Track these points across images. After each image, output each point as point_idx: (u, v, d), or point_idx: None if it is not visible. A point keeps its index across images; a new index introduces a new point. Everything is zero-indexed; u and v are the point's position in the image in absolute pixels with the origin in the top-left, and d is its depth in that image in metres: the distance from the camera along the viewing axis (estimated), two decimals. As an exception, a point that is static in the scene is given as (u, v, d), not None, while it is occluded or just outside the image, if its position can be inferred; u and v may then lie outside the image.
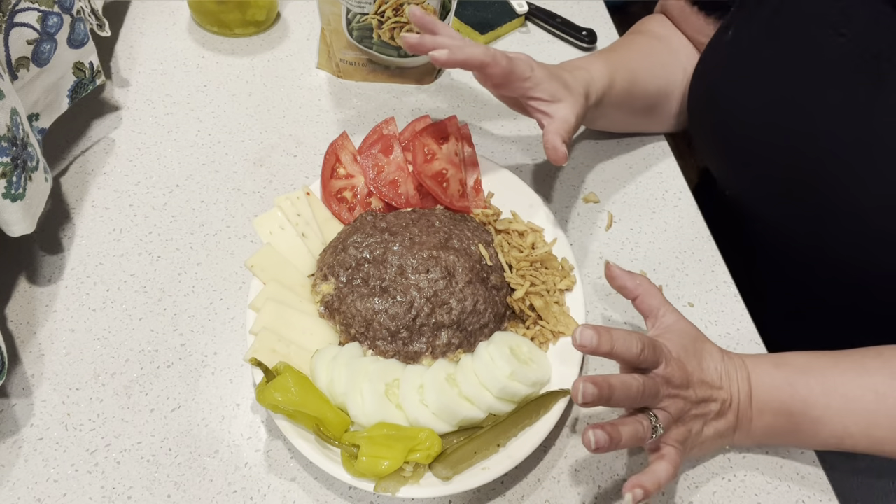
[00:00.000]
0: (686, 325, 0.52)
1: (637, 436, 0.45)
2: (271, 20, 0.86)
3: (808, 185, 0.57)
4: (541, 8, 0.92)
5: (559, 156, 0.57)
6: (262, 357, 0.51)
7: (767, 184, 0.62)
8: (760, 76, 0.60)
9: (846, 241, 0.56)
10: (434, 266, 0.56)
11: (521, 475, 0.53)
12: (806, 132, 0.57)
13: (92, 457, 0.51)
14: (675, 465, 0.47)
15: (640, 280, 0.54)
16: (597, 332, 0.45)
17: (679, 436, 0.48)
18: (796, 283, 0.65)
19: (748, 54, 0.62)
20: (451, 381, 0.51)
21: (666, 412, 0.47)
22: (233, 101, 0.78)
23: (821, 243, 0.59)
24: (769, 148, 0.60)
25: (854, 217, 0.55)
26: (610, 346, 0.45)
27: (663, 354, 0.47)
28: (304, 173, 0.71)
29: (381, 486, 0.47)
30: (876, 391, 0.49)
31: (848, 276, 0.58)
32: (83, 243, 0.63)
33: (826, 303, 0.63)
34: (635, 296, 0.53)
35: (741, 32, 0.63)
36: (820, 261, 0.60)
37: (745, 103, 0.61)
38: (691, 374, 0.48)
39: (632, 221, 0.71)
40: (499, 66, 0.56)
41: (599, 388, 0.44)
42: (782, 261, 0.65)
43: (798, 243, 0.61)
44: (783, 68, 0.58)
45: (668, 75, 0.72)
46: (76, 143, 0.71)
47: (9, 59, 0.57)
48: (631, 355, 0.46)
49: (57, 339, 0.57)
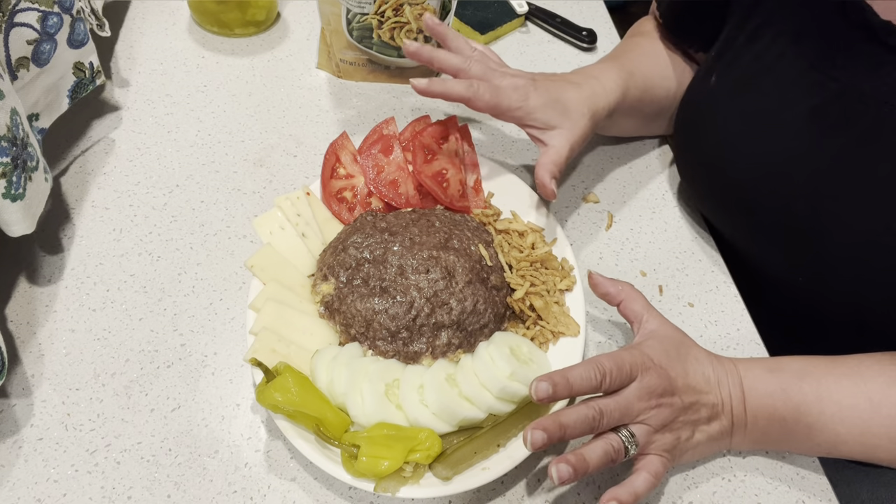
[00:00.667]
0: (670, 330, 0.51)
1: (608, 458, 0.45)
2: (271, 20, 0.86)
3: (795, 228, 0.57)
4: (541, 8, 0.92)
5: (547, 193, 0.58)
6: (262, 357, 0.51)
7: (753, 226, 0.61)
8: (744, 120, 0.59)
9: (836, 280, 0.56)
10: (434, 266, 0.56)
11: (521, 475, 0.53)
12: (795, 177, 0.56)
13: (92, 457, 0.51)
14: (657, 475, 0.47)
15: (622, 286, 0.53)
16: (551, 382, 0.44)
17: (666, 444, 0.48)
18: (792, 300, 0.65)
19: (733, 101, 0.60)
20: (451, 382, 0.51)
21: (645, 425, 0.47)
22: (233, 101, 0.78)
23: (810, 281, 0.58)
24: (756, 191, 0.59)
25: (840, 253, 0.54)
26: (567, 389, 0.44)
27: (639, 367, 0.47)
28: (304, 173, 0.71)
29: (381, 487, 0.47)
30: (871, 399, 0.49)
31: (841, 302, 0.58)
32: (83, 243, 0.63)
33: (821, 318, 0.63)
34: (618, 301, 0.53)
35: (725, 78, 0.62)
36: (812, 292, 0.59)
37: (732, 146, 0.60)
38: (675, 380, 0.48)
39: (632, 221, 0.71)
40: (481, 101, 0.58)
41: (549, 432, 0.43)
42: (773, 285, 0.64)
43: (790, 281, 0.61)
44: (770, 114, 0.57)
45: (677, 77, 0.72)
46: (76, 143, 0.71)
47: (9, 59, 0.57)
48: (592, 388, 0.45)
49: (57, 339, 0.57)
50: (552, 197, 0.58)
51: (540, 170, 0.58)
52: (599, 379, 0.45)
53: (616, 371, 0.46)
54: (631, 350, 0.48)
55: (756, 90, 0.59)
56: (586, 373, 0.45)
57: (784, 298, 0.63)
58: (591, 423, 0.45)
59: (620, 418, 0.46)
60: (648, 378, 0.47)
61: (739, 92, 0.60)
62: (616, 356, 0.47)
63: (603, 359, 0.46)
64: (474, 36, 0.88)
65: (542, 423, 0.44)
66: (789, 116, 0.56)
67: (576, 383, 0.45)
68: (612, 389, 0.46)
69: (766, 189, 0.58)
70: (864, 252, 0.53)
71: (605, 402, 0.46)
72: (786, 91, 0.56)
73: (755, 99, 0.58)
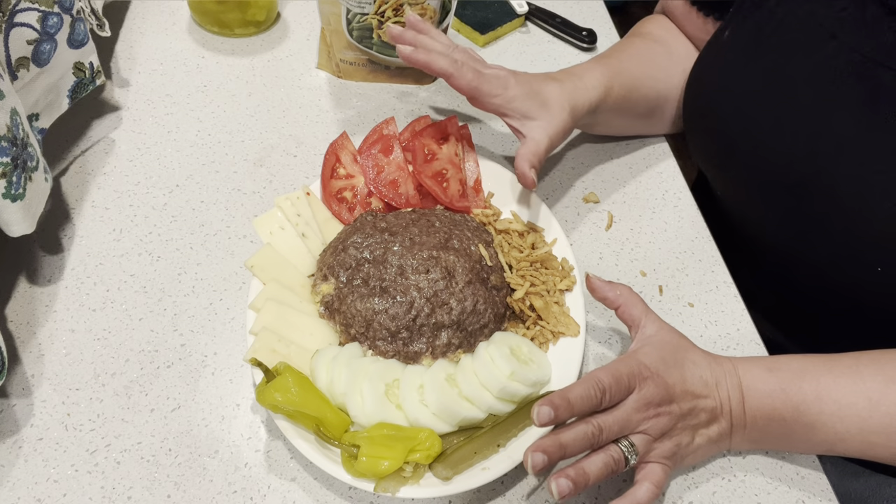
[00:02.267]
0: (668, 335, 0.51)
1: (608, 469, 0.45)
2: (271, 20, 0.86)
3: (801, 189, 0.57)
4: (541, 8, 0.92)
5: (527, 182, 0.59)
6: (262, 357, 0.51)
7: (760, 189, 0.61)
8: (755, 80, 0.60)
9: (842, 246, 0.56)
10: (434, 266, 0.56)
11: (521, 475, 0.53)
12: (800, 136, 0.56)
13: (92, 457, 0.51)
14: (659, 483, 0.46)
15: (620, 290, 0.53)
16: (552, 405, 0.43)
17: (666, 451, 0.48)
18: (793, 287, 0.65)
19: (743, 58, 0.61)
20: (451, 382, 0.51)
21: (645, 434, 0.47)
22: (233, 101, 0.78)
23: (815, 249, 0.58)
24: (763, 151, 0.59)
25: (850, 221, 0.54)
26: (569, 411, 0.44)
27: (637, 378, 0.47)
28: (304, 173, 0.71)
29: (381, 487, 0.47)
30: (869, 397, 0.49)
31: (843, 281, 0.58)
32: (83, 243, 0.63)
33: (822, 307, 0.63)
34: (617, 306, 0.53)
35: (736, 36, 0.63)
36: (814, 266, 0.59)
37: (740, 107, 0.61)
38: (673, 388, 0.48)
39: (632, 221, 0.71)
40: (463, 79, 0.58)
41: (549, 453, 0.43)
42: (781, 264, 0.65)
43: (793, 248, 0.61)
44: (777, 72, 0.58)
45: (667, 78, 0.72)
46: (76, 143, 0.71)
47: (9, 59, 0.57)
48: (593, 406, 0.45)
49: (57, 339, 0.57)
50: (532, 186, 0.59)
51: (519, 160, 0.59)
52: (600, 397, 0.45)
53: (615, 386, 0.46)
54: (627, 361, 0.48)
55: (766, 47, 0.59)
56: (586, 391, 0.45)
57: (779, 266, 0.63)
58: (591, 440, 0.45)
59: (620, 432, 0.46)
60: (646, 389, 0.47)
61: (750, 48, 0.61)
62: (613, 370, 0.47)
63: (601, 374, 0.46)
64: (474, 36, 0.88)
65: (542, 445, 0.43)
66: (792, 71, 0.56)
67: (576, 403, 0.44)
68: (612, 404, 0.46)
69: (767, 142, 0.58)
70: (862, 216, 0.53)
71: (604, 418, 0.46)
72: (792, 46, 0.57)
73: (765, 56, 0.59)
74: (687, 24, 0.73)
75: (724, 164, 0.65)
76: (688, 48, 0.73)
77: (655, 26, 0.76)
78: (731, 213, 0.68)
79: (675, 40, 0.74)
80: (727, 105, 0.62)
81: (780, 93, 0.58)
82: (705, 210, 0.73)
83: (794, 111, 0.57)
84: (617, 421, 0.46)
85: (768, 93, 0.59)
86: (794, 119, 0.57)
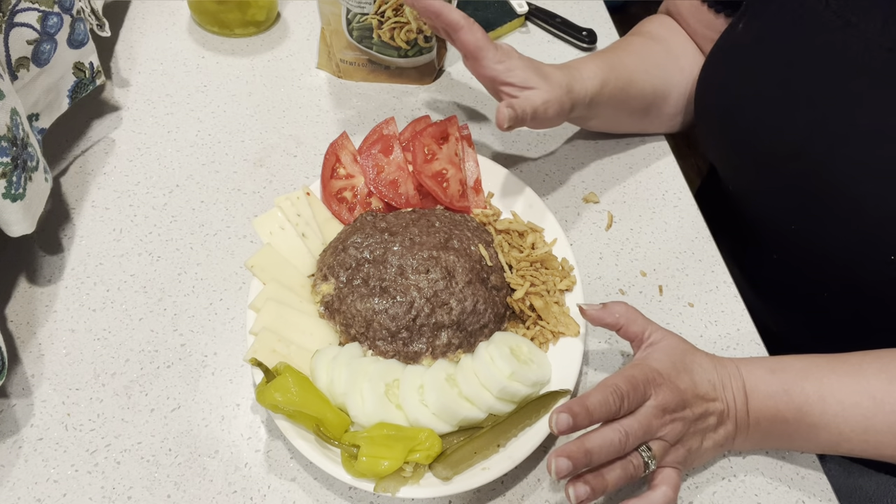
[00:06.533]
0: (673, 341, 0.51)
1: (627, 476, 0.45)
2: (271, 20, 0.86)
3: (817, 179, 0.56)
4: (541, 8, 0.92)
5: (500, 118, 0.57)
6: (262, 357, 0.51)
7: (775, 180, 0.61)
8: (770, 72, 0.60)
9: (851, 240, 0.55)
10: (434, 266, 0.56)
11: (521, 475, 0.53)
12: (814, 126, 0.56)
13: (92, 457, 0.51)
14: (675, 487, 0.46)
15: (617, 311, 0.52)
16: (570, 413, 0.43)
17: (679, 457, 0.48)
18: (797, 283, 0.65)
19: (758, 50, 0.61)
20: (451, 382, 0.51)
21: (663, 440, 0.47)
22: (233, 101, 0.78)
23: (825, 242, 0.58)
24: (777, 142, 0.59)
25: (868, 211, 0.54)
26: (588, 418, 0.44)
27: (652, 384, 0.47)
28: (304, 173, 0.71)
29: (381, 487, 0.47)
30: (873, 396, 0.49)
31: (850, 277, 0.58)
32: (83, 243, 0.63)
33: (827, 305, 0.63)
34: (619, 328, 0.53)
35: (751, 28, 0.63)
36: (823, 259, 0.59)
37: (754, 98, 0.61)
38: (685, 392, 0.48)
39: (632, 221, 0.71)
40: (473, 36, 0.57)
41: (574, 460, 0.42)
42: (785, 259, 0.65)
43: (801, 241, 0.60)
44: (792, 62, 0.58)
45: (664, 76, 0.72)
46: (76, 143, 0.71)
47: (9, 59, 0.57)
48: (611, 413, 0.45)
49: (57, 339, 0.57)
50: (502, 124, 0.57)
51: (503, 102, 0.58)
52: (619, 404, 0.45)
53: (633, 393, 0.45)
54: (640, 367, 0.48)
55: (779, 34, 0.59)
56: (604, 398, 0.44)
57: (797, 259, 0.63)
58: (619, 447, 0.44)
59: (642, 438, 0.46)
60: (662, 394, 0.47)
61: (763, 36, 0.61)
62: (629, 376, 0.46)
63: (618, 381, 0.46)
64: (474, 36, 0.88)
65: (567, 450, 0.42)
66: (807, 60, 0.56)
67: (595, 410, 0.44)
68: (629, 411, 0.46)
69: (786, 134, 0.58)
70: (880, 206, 0.52)
71: (629, 423, 0.45)
72: (806, 36, 0.57)
73: (779, 47, 0.59)
74: (695, 21, 0.73)
75: (738, 156, 0.65)
76: (688, 47, 0.73)
77: (656, 26, 0.76)
78: (745, 207, 0.68)
79: (674, 39, 0.74)
80: (741, 97, 0.62)
81: (795, 83, 0.58)
82: (705, 210, 0.73)
83: (810, 101, 0.56)
84: (641, 426, 0.45)
85: (784, 84, 0.58)
86: (810, 109, 0.56)
